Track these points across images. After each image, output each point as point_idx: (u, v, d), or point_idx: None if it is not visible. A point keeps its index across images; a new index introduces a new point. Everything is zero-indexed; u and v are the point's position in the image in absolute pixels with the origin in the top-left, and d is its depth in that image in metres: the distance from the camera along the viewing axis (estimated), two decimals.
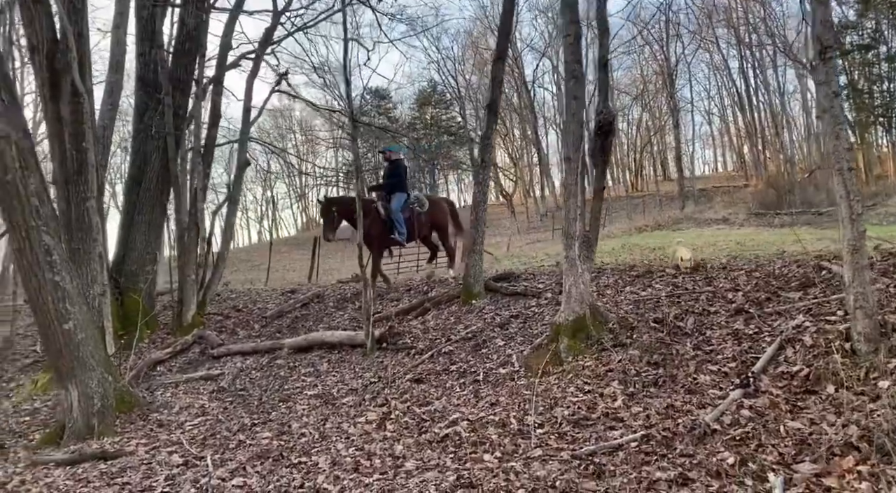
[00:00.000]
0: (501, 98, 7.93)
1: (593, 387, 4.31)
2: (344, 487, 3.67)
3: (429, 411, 4.77)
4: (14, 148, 5.40)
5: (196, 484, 4.10)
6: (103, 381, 5.75)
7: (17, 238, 5.50)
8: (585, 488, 3.01)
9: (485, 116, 7.38)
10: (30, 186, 5.49)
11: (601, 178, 5.13)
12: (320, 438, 4.66)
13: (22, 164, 5.44)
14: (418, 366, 5.82)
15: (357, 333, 6.87)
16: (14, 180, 5.39)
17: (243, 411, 5.76)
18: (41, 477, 4.68)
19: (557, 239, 26.15)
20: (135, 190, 9.19)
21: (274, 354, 7.17)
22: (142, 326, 7.83)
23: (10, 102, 5.44)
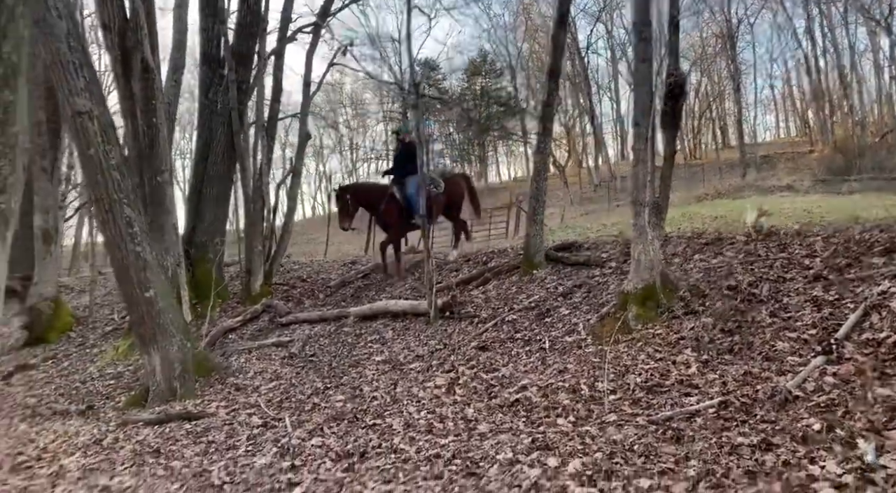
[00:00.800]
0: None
1: (665, 355, 4.27)
2: (420, 447, 3.78)
3: (496, 377, 4.84)
4: (96, 123, 5.65)
5: (277, 444, 4.30)
6: (183, 347, 6.03)
7: (101, 211, 5.78)
8: (665, 451, 3.01)
9: (545, 83, 7.26)
10: (111, 160, 5.74)
11: (671, 143, 5.01)
12: (392, 401, 4.80)
13: (104, 138, 5.69)
14: (482, 334, 5.89)
15: (420, 302, 6.98)
16: (97, 155, 5.64)
17: (315, 375, 5.97)
18: (132, 435, 4.99)
19: (612, 210, 25.74)
20: (202, 164, 9.48)
21: (340, 322, 7.36)
22: (214, 295, 8.14)
23: (90, 78, 5.67)
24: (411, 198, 8.66)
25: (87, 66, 5.67)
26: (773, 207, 10.86)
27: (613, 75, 38.88)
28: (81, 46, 5.71)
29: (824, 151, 30.85)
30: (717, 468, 2.76)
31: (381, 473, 3.50)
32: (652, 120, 5.03)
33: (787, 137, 46.34)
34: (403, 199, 8.72)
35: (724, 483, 2.63)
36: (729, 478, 2.66)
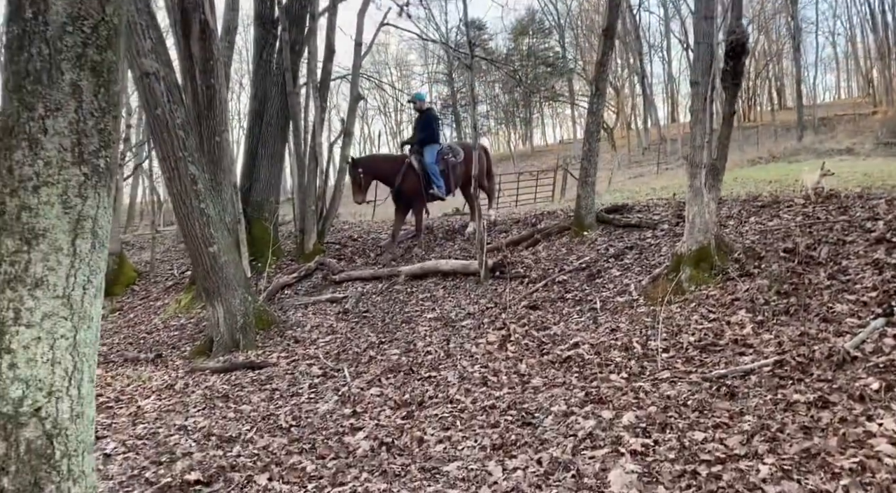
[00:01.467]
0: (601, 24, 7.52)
1: (719, 315, 4.30)
2: (475, 398, 3.93)
3: (548, 335, 4.95)
4: (162, 83, 5.85)
5: (337, 392, 4.52)
6: (244, 300, 6.32)
7: (168, 168, 6.02)
8: (719, 407, 3.08)
9: (600, 42, 7.13)
10: (177, 119, 5.96)
11: (731, 103, 4.91)
12: (445, 356, 4.97)
13: (170, 98, 5.89)
14: (533, 294, 5.98)
15: (470, 262, 7.09)
16: (163, 114, 5.86)
17: (369, 330, 6.18)
18: (201, 381, 5.30)
19: (661, 173, 25.20)
20: (257, 124, 9.68)
21: (392, 280, 7.54)
22: (270, 253, 8.41)
23: (157, 40, 5.85)
24: (429, 167, 8.46)
25: (153, 27, 5.85)
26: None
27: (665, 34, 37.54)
28: (148, 8, 5.88)
29: (888, 113, 29.35)
30: (771, 423, 2.81)
31: (439, 420, 3.68)
32: (711, 79, 4.93)
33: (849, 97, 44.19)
34: (421, 169, 8.52)
35: (778, 438, 2.69)
36: (784, 433, 2.71)
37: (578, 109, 42.62)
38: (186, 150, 6.02)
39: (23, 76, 1.98)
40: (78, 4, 2.00)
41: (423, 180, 8.55)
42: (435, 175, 8.52)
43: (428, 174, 8.51)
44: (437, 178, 8.56)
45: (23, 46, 1.98)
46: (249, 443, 3.67)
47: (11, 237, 1.95)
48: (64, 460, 1.97)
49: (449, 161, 8.67)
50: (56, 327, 1.98)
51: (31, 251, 1.96)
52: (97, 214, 2.07)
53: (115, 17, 2.09)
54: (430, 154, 8.52)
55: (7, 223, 1.96)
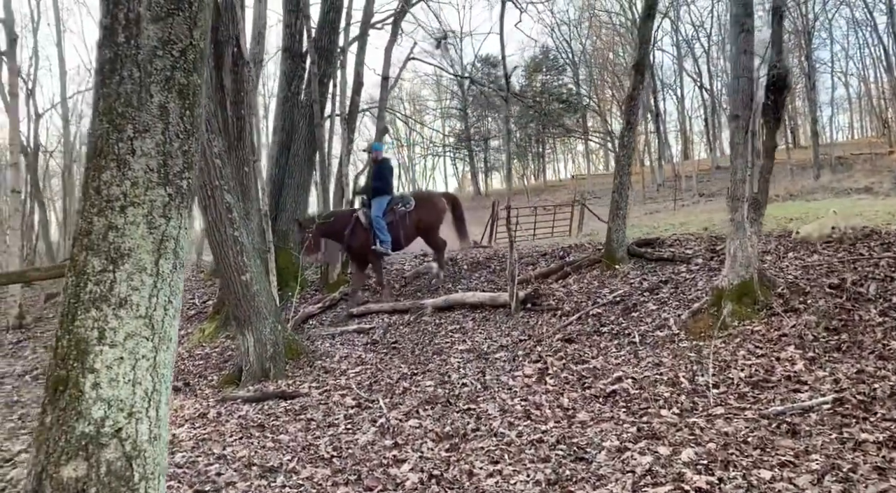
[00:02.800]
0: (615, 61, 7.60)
1: (767, 351, 4.22)
2: (520, 432, 3.86)
3: (587, 368, 4.87)
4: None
5: (374, 424, 4.45)
6: (274, 329, 6.29)
7: (204, 196, 6.07)
8: (782, 445, 3.00)
9: (630, 76, 7.21)
10: (214, 148, 6.04)
11: (772, 136, 4.92)
12: (482, 388, 4.89)
13: (208, 127, 5.97)
14: (567, 327, 5.92)
15: (498, 294, 7.05)
16: (202, 143, 5.93)
17: (400, 362, 6.12)
18: (234, 411, 5.24)
19: (678, 209, 25.16)
20: (284, 155, 9.80)
21: (420, 311, 7.50)
22: (298, 282, 8.41)
23: None
24: (375, 222, 8.00)
25: None
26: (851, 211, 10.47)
27: (678, 72, 37.90)
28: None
29: None
30: (842, 462, 2.73)
31: (486, 454, 3.60)
32: (753, 113, 4.95)
33: (864, 137, 44.26)
34: (368, 223, 8.07)
35: (851, 478, 2.61)
36: (857, 473, 2.63)
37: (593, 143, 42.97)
38: (223, 178, 6.08)
39: (113, 99, 2.01)
40: (168, 29, 2.04)
41: (370, 235, 8.08)
42: (380, 230, 8.03)
43: (374, 228, 8.02)
44: (383, 232, 8.06)
45: (115, 69, 2.01)
46: (293, 473, 3.60)
47: (98, 257, 1.96)
48: (142, 483, 1.94)
49: (398, 211, 8.17)
50: (138, 347, 1.97)
51: (117, 271, 1.96)
52: (178, 234, 2.07)
53: (201, 42, 2.14)
54: (377, 207, 8.06)
55: (94, 243, 1.96)
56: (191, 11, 2.07)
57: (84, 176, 2.03)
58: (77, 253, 1.98)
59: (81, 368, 1.91)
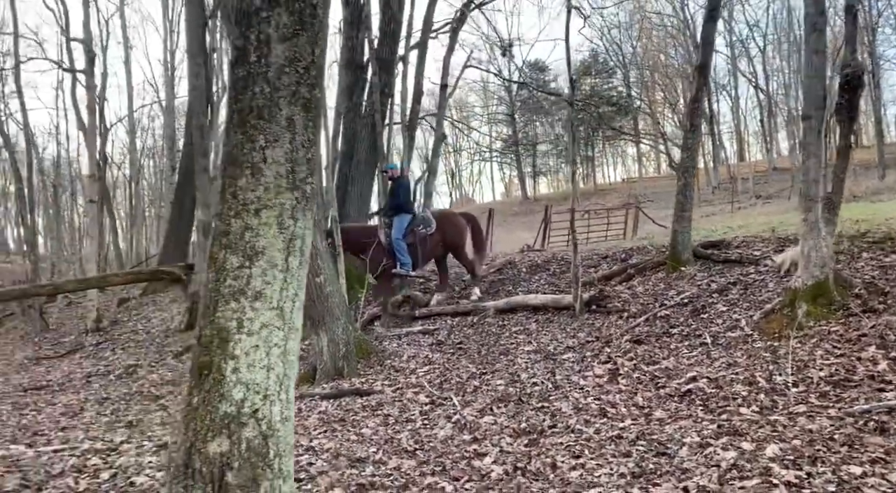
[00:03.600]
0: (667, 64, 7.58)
1: (846, 351, 4.19)
2: (598, 429, 3.95)
3: (659, 369, 4.92)
4: None
5: (449, 420, 4.61)
6: (346, 329, 6.53)
7: None
8: (871, 442, 3.01)
9: (694, 79, 7.21)
10: None
11: (847, 136, 4.88)
12: (553, 387, 4.99)
13: None
14: (634, 328, 5.96)
15: (562, 296, 7.13)
16: None
17: (467, 361, 6.27)
18: (313, 407, 5.48)
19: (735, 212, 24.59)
20: (346, 164, 10.12)
21: (482, 313, 7.64)
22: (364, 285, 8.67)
23: None
24: (395, 243, 7.93)
25: None
26: None
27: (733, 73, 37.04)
28: None
29: None
30: None
31: (566, 448, 3.70)
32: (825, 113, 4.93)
33: None
34: (388, 243, 8.01)
35: None
36: None
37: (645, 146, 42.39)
38: None
39: (247, 112, 2.22)
40: (294, 48, 2.25)
41: (390, 255, 8.04)
42: (401, 252, 7.93)
43: (392, 249, 7.96)
44: (403, 254, 7.97)
45: (247, 86, 2.23)
46: (381, 464, 3.78)
47: (235, 254, 2.17)
48: (276, 459, 2.14)
49: (418, 233, 8.11)
50: (271, 335, 2.17)
51: (252, 267, 2.17)
52: (304, 234, 2.28)
53: (320, 59, 2.34)
54: (398, 228, 7.97)
55: (232, 242, 2.18)
56: (313, 31, 2.28)
57: (221, 183, 2.25)
58: (216, 251, 2.20)
59: (223, 354, 2.13)
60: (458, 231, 8.32)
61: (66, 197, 32.56)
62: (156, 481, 3.82)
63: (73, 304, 16.75)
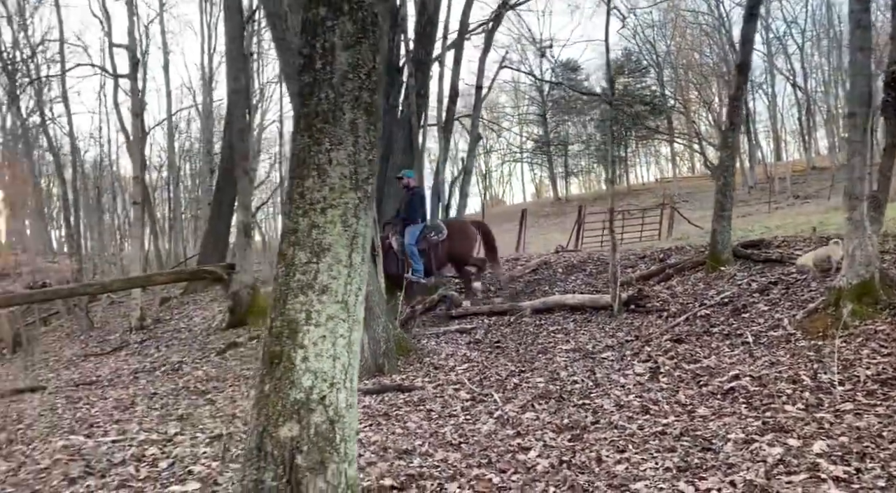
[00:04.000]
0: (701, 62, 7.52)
1: (893, 350, 4.17)
2: (641, 425, 4.00)
3: (700, 367, 4.93)
4: None
5: (491, 416, 4.70)
6: (386, 327, 6.67)
7: None
8: None
9: (733, 77, 7.17)
10: None
11: (893, 133, 4.83)
12: (594, 385, 5.05)
13: None
14: (674, 328, 5.97)
15: (600, 296, 7.16)
16: None
17: (505, 360, 6.35)
18: (357, 402, 5.62)
19: (773, 212, 24.15)
20: (383, 165, 10.26)
21: (519, 313, 7.71)
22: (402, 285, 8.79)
23: None
24: (408, 248, 7.95)
25: None
26: None
27: (769, 71, 36.34)
28: None
29: None
30: None
31: (610, 444, 3.76)
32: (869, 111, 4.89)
33: None
34: (401, 250, 8.02)
35: None
36: None
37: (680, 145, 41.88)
38: None
39: (313, 117, 2.35)
40: (357, 55, 2.37)
41: (401, 263, 8.06)
42: (413, 257, 7.98)
43: (406, 256, 7.99)
44: (416, 260, 8.03)
45: (313, 92, 2.36)
46: (428, 456, 3.89)
47: (304, 251, 2.30)
48: (342, 444, 2.26)
49: (430, 240, 8.15)
50: (337, 327, 2.30)
51: (319, 263, 2.30)
52: (365, 232, 2.40)
53: (380, 65, 2.46)
54: (410, 234, 8.03)
55: (300, 239, 2.31)
56: (374, 39, 2.40)
57: (289, 184, 2.39)
58: (285, 248, 2.34)
59: (293, 344, 2.26)
60: (466, 242, 8.34)
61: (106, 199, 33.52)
62: (212, 469, 4.00)
63: (116, 303, 17.28)
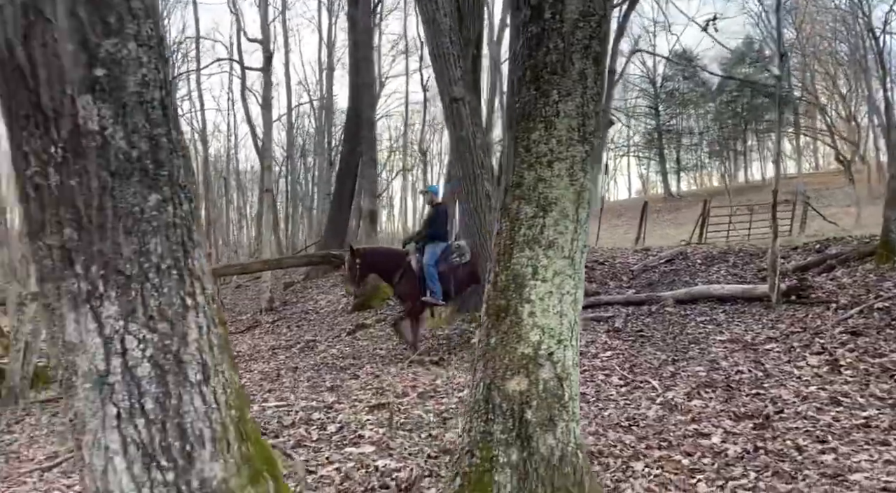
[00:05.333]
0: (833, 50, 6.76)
1: None
2: (835, 417, 3.68)
3: (889, 361, 4.50)
4: (468, 108, 6.43)
5: (653, 401, 4.50)
6: None
7: (466, 184, 6.56)
8: None
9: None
10: (477, 140, 6.50)
11: None
12: (764, 375, 4.73)
13: (473, 121, 6.45)
14: (847, 319, 5.50)
15: (754, 286, 6.74)
16: (467, 136, 6.43)
17: (652, 348, 6.10)
18: None
19: None
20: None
21: (660, 303, 7.40)
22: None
23: (465, 69, 6.46)
24: (427, 269, 7.47)
25: (463, 58, 6.48)
26: None
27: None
28: (459, 41, 6.54)
29: None
30: None
31: (805, 433, 3.49)
32: None
33: None
34: (420, 270, 7.55)
35: None
36: None
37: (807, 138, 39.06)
38: (483, 168, 6.52)
39: (540, 68, 2.29)
40: (588, 3, 2.28)
41: (421, 282, 7.53)
42: (432, 278, 7.47)
43: (424, 276, 7.47)
44: (434, 281, 7.47)
45: (541, 42, 2.30)
46: (600, 435, 3.78)
47: (529, 205, 2.25)
48: (570, 402, 2.20)
49: (452, 262, 7.57)
50: (564, 283, 2.23)
51: (545, 217, 2.24)
52: (591, 187, 2.32)
53: (609, 13, 2.36)
54: (430, 254, 7.51)
55: (525, 193, 2.27)
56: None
57: (512, 137, 2.35)
58: (509, 202, 2.30)
59: (519, 298, 2.22)
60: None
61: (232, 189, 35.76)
62: (381, 434, 4.10)
63: (242, 287, 18.36)
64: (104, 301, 1.38)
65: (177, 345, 1.46)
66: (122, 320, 1.39)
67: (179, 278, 1.48)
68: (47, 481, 3.67)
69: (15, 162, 1.42)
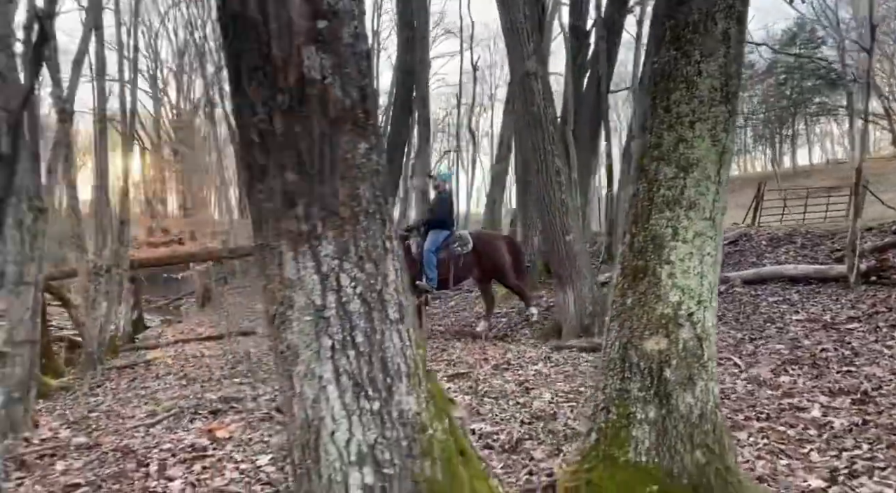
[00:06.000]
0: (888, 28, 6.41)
1: None
2: None
3: None
4: (539, 82, 6.39)
5: (737, 377, 4.47)
6: (592, 288, 6.58)
7: (536, 160, 6.54)
8: None
9: None
10: (548, 115, 6.46)
11: None
12: (853, 354, 4.65)
13: (544, 96, 6.41)
14: None
15: (830, 266, 6.62)
16: (538, 111, 6.39)
17: (725, 327, 6.03)
18: (571, 357, 5.62)
19: None
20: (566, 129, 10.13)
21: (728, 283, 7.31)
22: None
23: (537, 43, 6.42)
24: (425, 254, 7.34)
25: (536, 32, 6.43)
26: None
27: None
28: (533, 15, 6.48)
29: None
30: None
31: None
32: None
33: None
34: (419, 255, 7.42)
35: None
36: None
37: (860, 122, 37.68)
38: (554, 144, 6.48)
39: (682, 27, 2.27)
40: None
41: (418, 266, 7.36)
42: (429, 265, 7.33)
43: (422, 262, 7.33)
44: (431, 268, 7.34)
45: (683, 2, 2.28)
46: None
47: (669, 165, 2.25)
48: (709, 362, 2.21)
49: (452, 251, 7.42)
50: (704, 245, 2.23)
51: (686, 178, 2.23)
52: (732, 148, 2.30)
53: None
54: (432, 240, 7.38)
55: (664, 154, 2.26)
56: None
57: (652, 98, 2.34)
58: (647, 164, 2.30)
59: (658, 259, 2.22)
60: (496, 255, 7.62)
61: None
62: (470, 402, 4.16)
63: None
64: (322, 241, 1.46)
65: (380, 284, 1.53)
66: (337, 259, 1.47)
67: (382, 223, 1.55)
68: (155, 434, 3.84)
69: (239, 112, 1.50)
